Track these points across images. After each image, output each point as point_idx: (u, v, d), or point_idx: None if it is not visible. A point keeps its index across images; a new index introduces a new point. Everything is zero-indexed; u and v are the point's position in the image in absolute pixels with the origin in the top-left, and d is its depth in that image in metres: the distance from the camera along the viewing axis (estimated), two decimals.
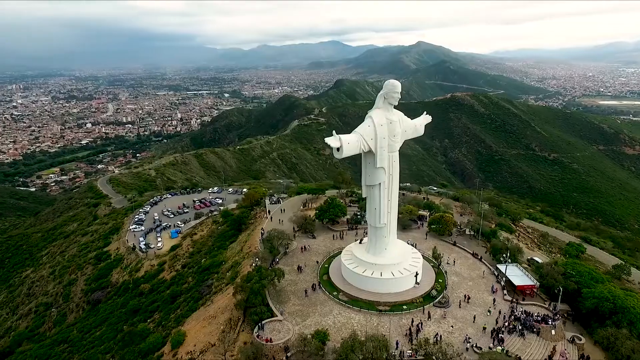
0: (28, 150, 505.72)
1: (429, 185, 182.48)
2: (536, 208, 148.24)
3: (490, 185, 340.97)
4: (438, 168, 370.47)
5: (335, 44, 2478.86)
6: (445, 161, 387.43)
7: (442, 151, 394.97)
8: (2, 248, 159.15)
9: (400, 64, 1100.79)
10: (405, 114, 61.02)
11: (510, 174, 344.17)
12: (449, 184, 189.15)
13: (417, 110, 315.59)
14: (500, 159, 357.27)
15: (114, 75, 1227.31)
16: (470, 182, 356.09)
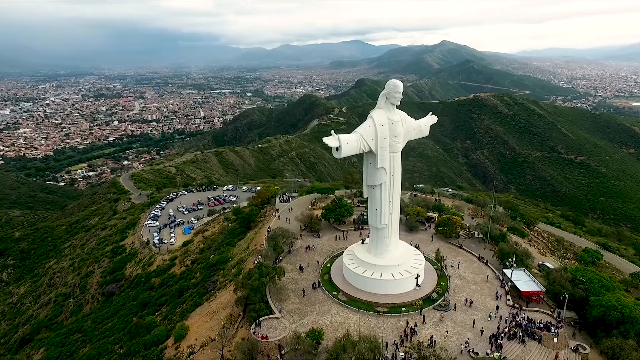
0: (58, 147, 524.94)
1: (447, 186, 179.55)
2: (556, 212, 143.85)
3: (513, 188, 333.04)
4: (459, 169, 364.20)
5: (358, 44, 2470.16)
6: (466, 163, 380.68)
7: (463, 152, 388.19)
8: (29, 240, 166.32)
9: (423, 64, 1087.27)
10: (425, 114, 60.64)
11: (534, 176, 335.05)
12: (466, 186, 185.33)
13: (437, 111, 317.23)
14: (524, 161, 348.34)
15: (141, 74, 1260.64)
16: (491, 184, 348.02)
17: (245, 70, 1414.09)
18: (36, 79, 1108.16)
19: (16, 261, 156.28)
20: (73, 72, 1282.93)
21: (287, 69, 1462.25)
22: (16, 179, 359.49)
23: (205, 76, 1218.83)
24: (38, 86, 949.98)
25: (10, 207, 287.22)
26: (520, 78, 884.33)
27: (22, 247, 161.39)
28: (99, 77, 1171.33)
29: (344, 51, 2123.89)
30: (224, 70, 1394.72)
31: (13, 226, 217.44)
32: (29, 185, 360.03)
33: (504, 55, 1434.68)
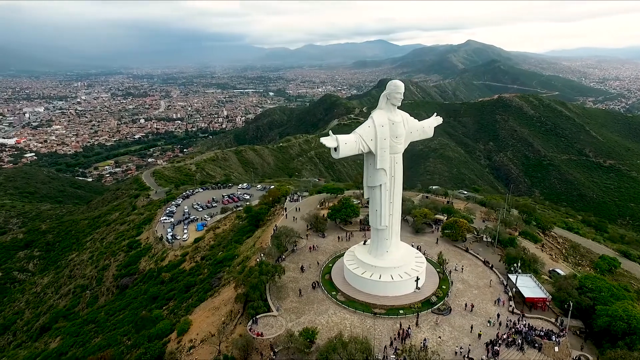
0: (88, 143, 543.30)
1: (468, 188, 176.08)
2: (577, 217, 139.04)
3: (537, 191, 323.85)
4: (481, 172, 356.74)
5: (381, 43, 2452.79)
6: (488, 165, 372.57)
7: (485, 154, 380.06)
8: (55, 232, 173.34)
9: (448, 64, 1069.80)
10: (447, 115, 60.35)
11: (559, 180, 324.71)
12: (487, 188, 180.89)
13: (460, 112, 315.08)
14: (549, 164, 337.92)
15: (168, 74, 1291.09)
16: (515, 187, 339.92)
17: (268, 70, 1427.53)
18: (69, 78, 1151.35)
19: (42, 252, 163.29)
20: (103, 72, 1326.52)
21: (310, 68, 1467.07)
22: (47, 174, 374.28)
23: (230, 76, 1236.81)
24: (70, 85, 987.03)
25: (41, 201, 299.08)
26: (549, 78, 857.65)
27: (48, 240, 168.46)
28: (127, 77, 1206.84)
29: (367, 51, 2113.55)
30: (247, 70, 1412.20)
31: (42, 219, 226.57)
32: (59, 180, 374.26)
33: (532, 55, 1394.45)
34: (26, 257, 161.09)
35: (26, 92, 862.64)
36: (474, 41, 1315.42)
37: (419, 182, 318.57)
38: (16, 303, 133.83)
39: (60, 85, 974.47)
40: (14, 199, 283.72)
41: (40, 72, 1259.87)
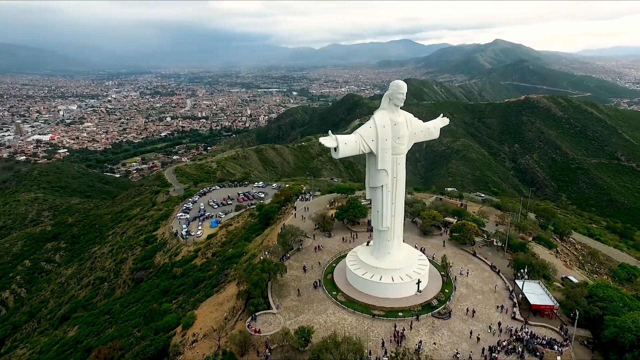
0: (116, 140, 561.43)
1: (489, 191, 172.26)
2: (601, 223, 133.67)
3: (564, 195, 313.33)
4: (505, 174, 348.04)
5: (406, 43, 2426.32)
6: (513, 167, 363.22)
7: (510, 156, 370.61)
8: (80, 226, 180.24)
9: (474, 64, 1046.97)
10: (471, 116, 59.45)
11: (588, 184, 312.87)
12: (501, 192, 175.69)
13: (485, 113, 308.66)
14: (578, 167, 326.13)
15: (194, 73, 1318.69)
16: (541, 191, 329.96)
17: (292, 69, 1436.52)
18: (101, 77, 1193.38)
19: (68, 245, 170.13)
20: (133, 71, 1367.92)
21: (334, 68, 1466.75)
22: (78, 170, 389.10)
23: (254, 75, 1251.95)
24: (102, 84, 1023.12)
25: (71, 195, 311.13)
26: (581, 79, 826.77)
27: (74, 232, 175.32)
28: (156, 76, 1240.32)
29: (392, 50, 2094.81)
30: (272, 70, 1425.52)
31: (71, 213, 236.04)
32: (89, 175, 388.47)
33: (564, 54, 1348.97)
34: (53, 249, 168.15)
35: (61, 91, 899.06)
36: (502, 40, 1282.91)
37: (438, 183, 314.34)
38: (42, 292, 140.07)
39: (92, 84, 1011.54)
40: (46, 192, 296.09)
41: (74, 72, 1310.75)
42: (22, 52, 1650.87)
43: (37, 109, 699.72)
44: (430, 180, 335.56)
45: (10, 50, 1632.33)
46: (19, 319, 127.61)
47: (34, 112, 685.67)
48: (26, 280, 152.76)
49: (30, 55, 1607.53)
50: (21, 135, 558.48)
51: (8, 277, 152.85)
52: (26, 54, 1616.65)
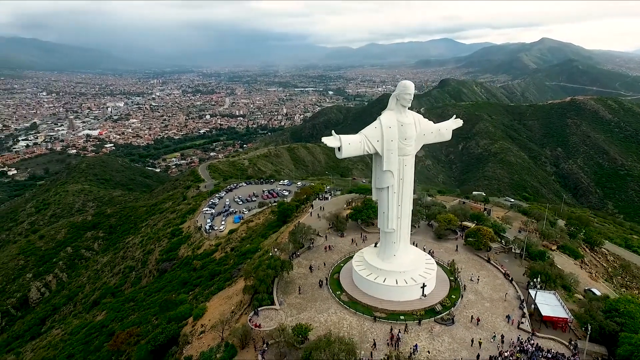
0: (158, 136, 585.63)
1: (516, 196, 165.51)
2: None
3: (610, 203, 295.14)
4: (545, 179, 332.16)
5: (447, 42, 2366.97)
6: (555, 172, 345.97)
7: (552, 161, 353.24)
8: (117, 217, 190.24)
9: (518, 63, 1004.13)
10: (511, 117, 58.26)
11: (638, 192, 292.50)
12: (532, 197, 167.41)
13: (527, 114, 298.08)
14: (627, 174, 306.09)
15: (234, 72, 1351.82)
16: (584, 198, 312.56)
17: (329, 69, 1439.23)
18: (147, 75, 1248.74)
19: (105, 234, 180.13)
20: (177, 70, 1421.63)
21: (371, 68, 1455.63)
22: (121, 164, 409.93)
23: (292, 74, 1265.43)
24: (148, 82, 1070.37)
25: (114, 188, 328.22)
26: (636, 79, 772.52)
27: (111, 223, 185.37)
28: (197, 75, 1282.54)
29: (431, 50, 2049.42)
30: (309, 69, 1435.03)
31: (113, 204, 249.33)
32: (131, 169, 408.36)
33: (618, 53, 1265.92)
34: (92, 238, 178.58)
35: (110, 89, 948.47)
36: (549, 39, 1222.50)
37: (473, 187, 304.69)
38: (80, 277, 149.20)
39: (139, 83, 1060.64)
40: (92, 184, 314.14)
41: (123, 70, 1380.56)
42: (77, 52, 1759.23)
43: (88, 106, 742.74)
44: (464, 184, 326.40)
45: (66, 51, 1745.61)
46: (59, 302, 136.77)
47: (85, 108, 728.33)
48: (67, 266, 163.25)
49: (84, 56, 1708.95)
50: (73, 130, 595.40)
51: (52, 262, 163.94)
52: (81, 54, 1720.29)
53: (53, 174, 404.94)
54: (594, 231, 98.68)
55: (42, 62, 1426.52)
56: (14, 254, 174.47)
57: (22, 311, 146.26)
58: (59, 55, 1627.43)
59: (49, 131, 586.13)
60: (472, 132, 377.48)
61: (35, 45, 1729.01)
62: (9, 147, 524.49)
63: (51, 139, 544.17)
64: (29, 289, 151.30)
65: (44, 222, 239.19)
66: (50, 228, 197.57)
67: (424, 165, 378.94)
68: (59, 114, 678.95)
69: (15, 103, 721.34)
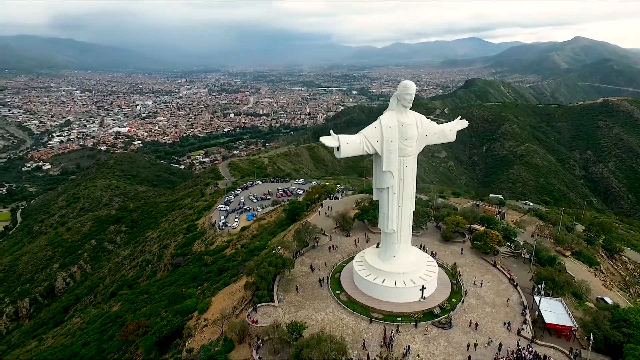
0: (184, 134, 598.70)
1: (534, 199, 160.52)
2: None
3: None
4: (573, 183, 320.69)
5: (474, 41, 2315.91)
6: (584, 176, 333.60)
7: (582, 164, 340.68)
8: (139, 212, 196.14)
9: (549, 63, 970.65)
10: (539, 119, 58.22)
11: None
12: (552, 201, 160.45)
13: (555, 116, 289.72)
14: None
15: (259, 71, 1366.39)
16: (615, 203, 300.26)
17: (354, 68, 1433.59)
18: (175, 75, 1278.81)
19: (127, 228, 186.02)
20: (204, 69, 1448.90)
21: (396, 67, 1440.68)
22: (148, 160, 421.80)
23: (316, 74, 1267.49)
24: (175, 81, 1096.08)
25: (140, 183, 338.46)
26: None
27: (133, 217, 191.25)
28: (223, 74, 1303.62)
29: (458, 49, 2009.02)
30: (333, 68, 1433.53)
31: (138, 199, 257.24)
32: (157, 166, 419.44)
33: None
34: (115, 231, 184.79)
35: (139, 87, 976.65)
36: (582, 38, 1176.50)
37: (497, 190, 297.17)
38: (102, 269, 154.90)
39: (167, 82, 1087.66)
40: (119, 180, 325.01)
41: (152, 70, 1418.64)
42: (109, 52, 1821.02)
43: (118, 104, 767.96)
44: (488, 186, 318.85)
45: (100, 51, 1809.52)
46: (81, 292, 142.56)
47: (115, 106, 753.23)
48: (91, 258, 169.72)
49: (116, 55, 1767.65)
50: (104, 127, 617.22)
51: (77, 253, 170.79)
52: (112, 54, 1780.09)
53: (84, 169, 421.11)
54: (616, 238, 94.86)
55: (77, 61, 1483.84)
56: (43, 245, 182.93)
57: (48, 299, 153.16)
58: (93, 54, 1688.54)
59: (81, 128, 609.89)
60: (497, 134, 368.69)
61: (70, 45, 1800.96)
62: (45, 142, 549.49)
63: (83, 136, 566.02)
64: (56, 279, 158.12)
65: (73, 215, 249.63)
66: (76, 221, 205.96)
67: (447, 167, 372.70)
68: (91, 112, 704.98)
69: (51, 101, 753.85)
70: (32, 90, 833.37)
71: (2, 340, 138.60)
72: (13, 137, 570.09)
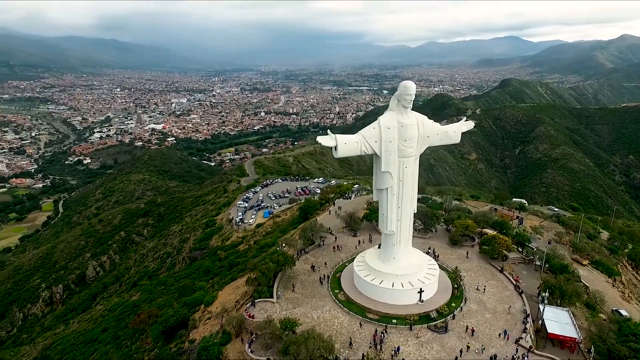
0: (216, 132, 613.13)
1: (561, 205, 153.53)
2: None
3: None
4: (613, 190, 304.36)
5: (512, 40, 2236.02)
6: (625, 182, 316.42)
7: (622, 169, 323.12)
8: (166, 206, 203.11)
9: (592, 63, 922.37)
10: (577, 121, 57.03)
11: None
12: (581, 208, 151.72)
13: (594, 118, 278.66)
14: None
15: (291, 71, 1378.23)
16: None
17: (385, 68, 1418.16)
18: (209, 74, 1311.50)
19: (154, 222, 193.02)
20: (237, 68, 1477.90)
21: (429, 67, 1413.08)
22: (179, 156, 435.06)
23: (347, 73, 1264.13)
24: (209, 80, 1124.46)
25: (171, 179, 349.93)
26: None
27: (160, 211, 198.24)
28: (256, 73, 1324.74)
29: (494, 48, 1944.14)
30: (365, 68, 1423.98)
31: (169, 194, 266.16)
32: (188, 162, 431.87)
33: None
34: (143, 224, 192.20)
35: (175, 86, 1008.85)
36: (629, 36, 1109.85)
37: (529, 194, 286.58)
38: (129, 260, 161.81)
39: (201, 80, 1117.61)
40: (152, 175, 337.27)
41: (188, 68, 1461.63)
42: (148, 51, 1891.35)
43: (155, 102, 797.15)
44: (519, 190, 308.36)
45: (139, 50, 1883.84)
46: (108, 281, 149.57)
47: (152, 104, 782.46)
48: (120, 249, 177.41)
49: (154, 54, 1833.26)
50: (140, 123, 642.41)
51: (107, 244, 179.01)
52: (151, 53, 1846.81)
53: (120, 164, 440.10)
54: None
55: (118, 60, 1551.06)
56: (77, 235, 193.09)
57: (80, 286, 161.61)
58: (133, 54, 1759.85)
59: (119, 124, 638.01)
60: (531, 136, 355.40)
61: (113, 45, 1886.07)
62: (86, 138, 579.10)
63: (121, 132, 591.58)
64: (87, 267, 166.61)
65: (108, 207, 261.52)
66: (108, 213, 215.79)
67: (476, 169, 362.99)
68: (129, 109, 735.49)
69: (93, 98, 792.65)
70: (77, 88, 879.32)
71: (37, 322, 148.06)
72: (58, 132, 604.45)
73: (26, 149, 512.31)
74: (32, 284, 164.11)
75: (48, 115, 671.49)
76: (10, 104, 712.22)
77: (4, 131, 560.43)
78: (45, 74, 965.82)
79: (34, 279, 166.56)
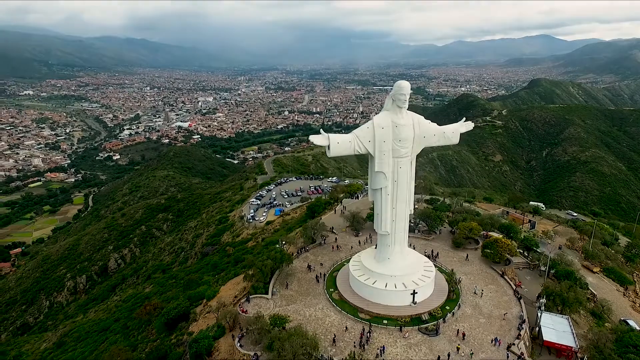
0: (240, 130, 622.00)
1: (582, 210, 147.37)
2: None
3: None
4: None
5: (544, 39, 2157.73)
6: None
7: None
8: (185, 202, 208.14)
9: (630, 62, 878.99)
10: (610, 123, 56.02)
11: None
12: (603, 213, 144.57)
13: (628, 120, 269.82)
14: None
15: (316, 70, 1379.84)
16: None
17: (411, 67, 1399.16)
18: (236, 72, 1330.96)
19: (174, 217, 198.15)
20: (262, 68, 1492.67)
21: (456, 66, 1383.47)
22: (204, 154, 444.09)
23: (372, 72, 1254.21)
24: (235, 79, 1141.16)
25: (195, 176, 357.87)
26: None
27: (180, 207, 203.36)
28: (281, 72, 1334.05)
29: (525, 47, 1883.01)
30: (390, 67, 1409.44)
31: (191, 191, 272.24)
32: (212, 160, 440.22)
33: None
34: (163, 219, 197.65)
35: (202, 84, 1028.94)
36: None
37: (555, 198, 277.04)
38: (148, 254, 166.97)
39: (227, 79, 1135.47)
40: (176, 171, 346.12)
41: (215, 68, 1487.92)
42: (177, 51, 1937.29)
43: (182, 100, 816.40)
44: (546, 193, 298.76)
45: (169, 50, 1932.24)
46: (127, 273, 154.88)
47: (179, 102, 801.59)
48: (140, 242, 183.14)
49: (183, 54, 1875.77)
50: (168, 121, 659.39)
51: (129, 237, 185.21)
52: (181, 53, 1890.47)
53: (147, 160, 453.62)
54: None
55: (149, 60, 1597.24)
56: (101, 228, 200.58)
57: (102, 278, 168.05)
58: (163, 53, 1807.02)
59: (148, 122, 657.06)
60: (560, 138, 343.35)
61: (144, 45, 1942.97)
62: (116, 134, 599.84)
63: (149, 129, 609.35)
64: (109, 259, 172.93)
65: (133, 202, 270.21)
66: (131, 207, 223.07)
67: (500, 171, 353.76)
68: (157, 107, 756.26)
69: (124, 96, 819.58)
70: (109, 87, 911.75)
71: (62, 310, 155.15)
72: (90, 129, 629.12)
73: (61, 145, 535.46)
74: (58, 274, 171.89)
75: (82, 113, 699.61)
76: (48, 101, 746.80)
77: (41, 127, 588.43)
78: (80, 73, 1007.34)
79: (60, 269, 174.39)
